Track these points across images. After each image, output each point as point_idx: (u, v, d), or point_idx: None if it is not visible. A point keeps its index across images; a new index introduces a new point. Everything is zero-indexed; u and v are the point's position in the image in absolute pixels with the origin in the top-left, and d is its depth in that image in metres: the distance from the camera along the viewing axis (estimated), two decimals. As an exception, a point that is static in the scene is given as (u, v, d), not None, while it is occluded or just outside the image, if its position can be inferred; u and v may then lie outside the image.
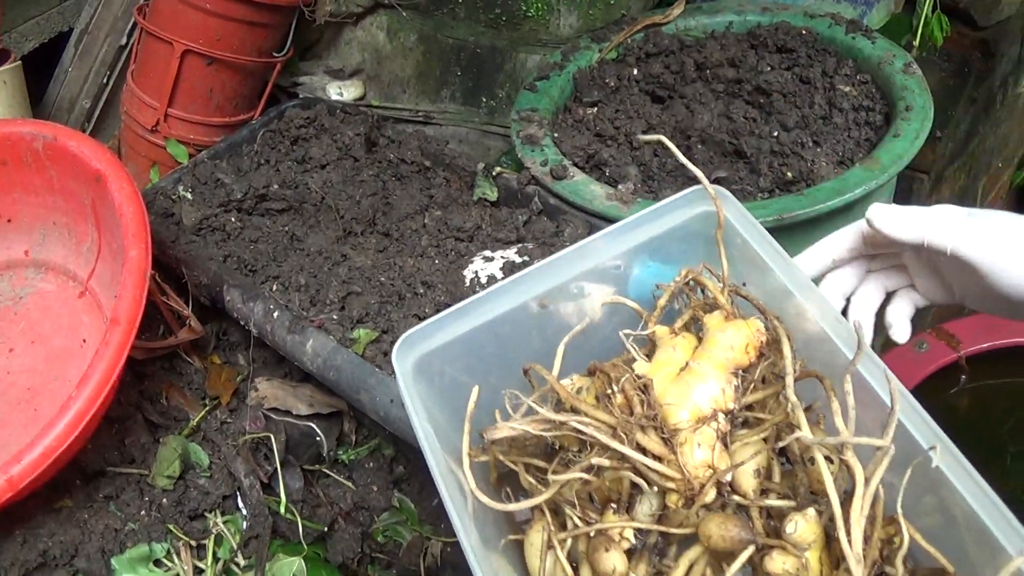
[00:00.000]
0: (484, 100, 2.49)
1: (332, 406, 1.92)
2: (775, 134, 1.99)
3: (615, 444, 1.01)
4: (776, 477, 1.07)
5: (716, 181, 1.88)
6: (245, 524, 1.78)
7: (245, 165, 2.20)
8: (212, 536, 1.76)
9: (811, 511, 0.99)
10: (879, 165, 1.82)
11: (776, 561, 0.99)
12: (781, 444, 1.04)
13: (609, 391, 1.09)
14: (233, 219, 2.04)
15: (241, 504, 1.80)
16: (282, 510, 1.80)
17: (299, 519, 1.79)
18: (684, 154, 1.95)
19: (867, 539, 0.94)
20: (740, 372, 1.09)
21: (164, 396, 1.91)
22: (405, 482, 1.94)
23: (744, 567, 1.04)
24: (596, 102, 2.17)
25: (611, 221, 1.48)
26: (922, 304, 1.31)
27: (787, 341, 1.06)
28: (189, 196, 2.11)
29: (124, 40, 2.69)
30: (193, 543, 1.75)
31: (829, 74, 2.11)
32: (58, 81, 2.76)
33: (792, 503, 1.02)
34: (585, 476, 1.05)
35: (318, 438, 1.89)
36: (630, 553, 1.06)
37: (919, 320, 3.00)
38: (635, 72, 2.22)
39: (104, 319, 1.88)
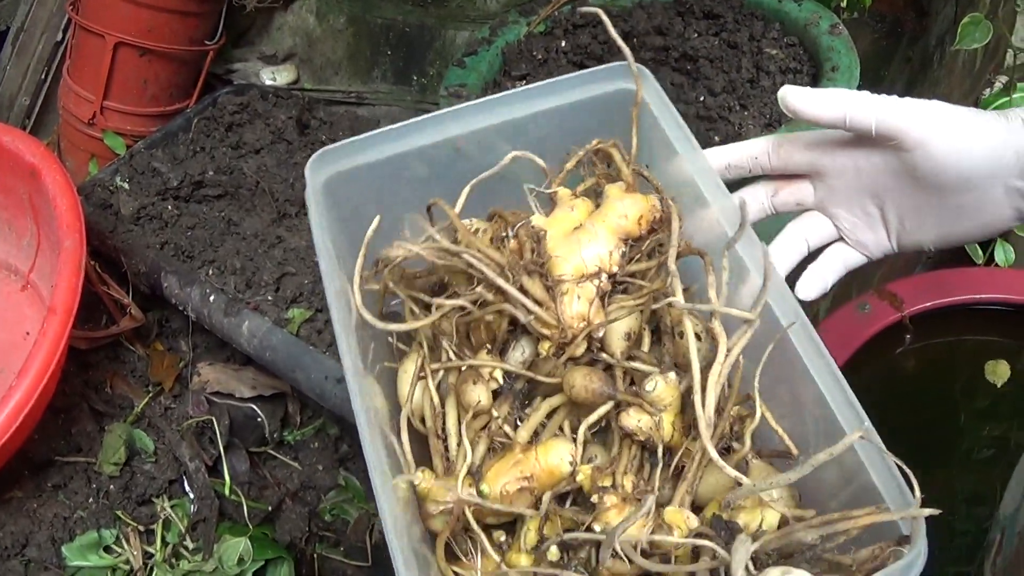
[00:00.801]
0: (415, 78, 2.50)
1: (275, 388, 1.94)
2: (702, 99, 2.00)
3: (500, 281, 1.06)
4: (645, 347, 1.11)
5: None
6: (192, 508, 1.80)
7: (181, 153, 2.21)
8: (160, 521, 1.77)
9: (671, 375, 1.04)
10: (804, 126, 1.84)
11: (632, 417, 1.04)
12: (655, 306, 1.08)
13: (504, 234, 1.14)
14: (170, 207, 2.05)
15: (188, 488, 1.82)
16: (227, 492, 1.82)
17: (244, 500, 1.81)
18: (611, 123, 1.98)
19: (720, 411, 0.98)
20: (630, 241, 1.12)
21: (108, 384, 1.93)
22: (351, 460, 1.95)
23: (600, 432, 1.10)
24: (525, 75, 2.17)
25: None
26: (853, 260, 1.23)
27: (677, 218, 1.09)
28: (126, 186, 2.12)
29: (60, 36, 2.69)
30: (141, 528, 1.77)
31: (756, 38, 2.12)
32: (-4, 80, 2.77)
33: (655, 369, 1.06)
34: (467, 305, 1.09)
35: (259, 419, 1.91)
36: (496, 395, 1.11)
37: (862, 281, 3.04)
38: (563, 44, 2.23)
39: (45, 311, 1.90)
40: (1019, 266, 2.95)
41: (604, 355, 1.09)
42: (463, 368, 1.11)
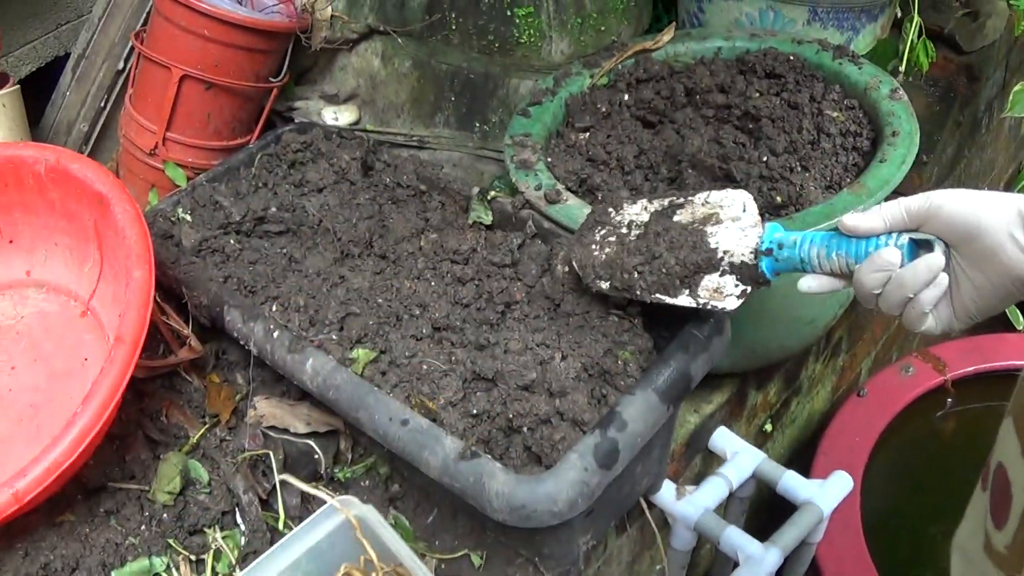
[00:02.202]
0: (477, 125, 2.53)
1: (329, 424, 1.95)
2: (764, 159, 2.02)
3: None
4: None
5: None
6: (243, 540, 1.81)
7: (243, 188, 2.23)
8: (211, 551, 1.78)
9: None
10: (866, 190, 1.86)
11: None
12: None
13: None
14: (232, 241, 2.07)
15: (240, 520, 1.83)
16: (280, 526, 1.83)
17: (297, 535, 1.82)
18: (675, 178, 2.00)
19: None
20: None
21: (164, 414, 1.94)
22: (400, 500, 1.96)
23: None
24: (588, 127, 2.19)
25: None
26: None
27: None
28: (188, 218, 2.14)
29: (121, 65, 2.72)
30: (193, 558, 1.78)
31: (817, 99, 2.14)
32: (56, 105, 2.80)
33: None
34: None
35: (316, 456, 1.92)
36: None
37: (903, 343, 3.02)
38: (626, 98, 2.25)
39: (106, 338, 1.91)
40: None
41: None
42: None
